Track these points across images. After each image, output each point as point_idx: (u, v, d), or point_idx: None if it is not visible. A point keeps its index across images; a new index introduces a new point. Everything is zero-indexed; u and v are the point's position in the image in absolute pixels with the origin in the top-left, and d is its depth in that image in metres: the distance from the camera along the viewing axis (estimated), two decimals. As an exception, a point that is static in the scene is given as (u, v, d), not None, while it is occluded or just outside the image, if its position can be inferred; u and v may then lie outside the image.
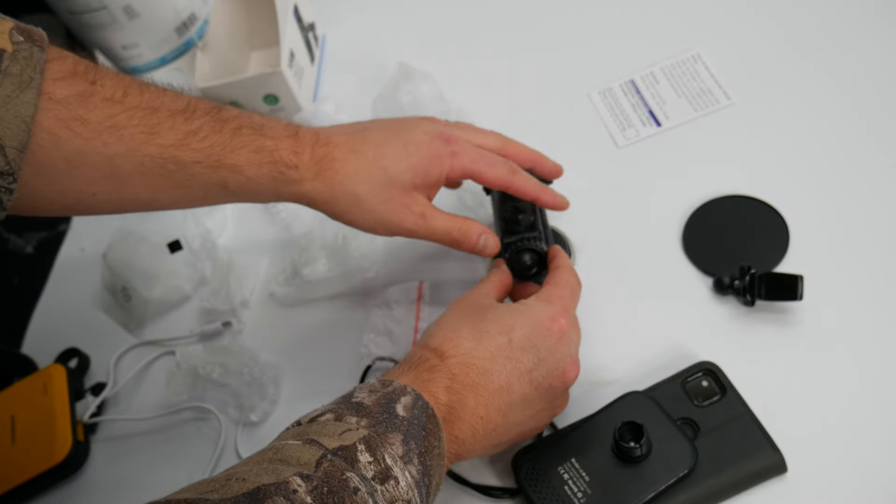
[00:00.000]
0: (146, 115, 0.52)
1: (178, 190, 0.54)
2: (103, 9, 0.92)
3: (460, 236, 0.61)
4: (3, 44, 0.47)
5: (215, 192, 0.56)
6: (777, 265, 0.65)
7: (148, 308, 0.78)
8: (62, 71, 0.49)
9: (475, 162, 0.60)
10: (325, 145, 0.58)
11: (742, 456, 0.56)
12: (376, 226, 0.59)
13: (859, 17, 0.77)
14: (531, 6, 0.89)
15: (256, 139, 0.55)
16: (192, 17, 0.99)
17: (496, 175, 0.61)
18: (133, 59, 0.98)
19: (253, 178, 0.55)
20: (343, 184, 0.57)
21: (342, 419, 0.47)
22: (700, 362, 0.60)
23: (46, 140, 0.48)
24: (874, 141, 0.70)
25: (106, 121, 0.50)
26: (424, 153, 0.59)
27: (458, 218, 0.61)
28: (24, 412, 0.71)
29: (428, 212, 0.60)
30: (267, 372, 0.70)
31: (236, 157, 0.54)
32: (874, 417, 0.57)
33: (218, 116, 0.55)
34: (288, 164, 0.56)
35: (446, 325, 0.55)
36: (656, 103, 0.78)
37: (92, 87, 0.50)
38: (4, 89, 0.46)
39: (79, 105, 0.49)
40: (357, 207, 0.58)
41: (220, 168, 0.54)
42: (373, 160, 0.58)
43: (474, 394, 0.52)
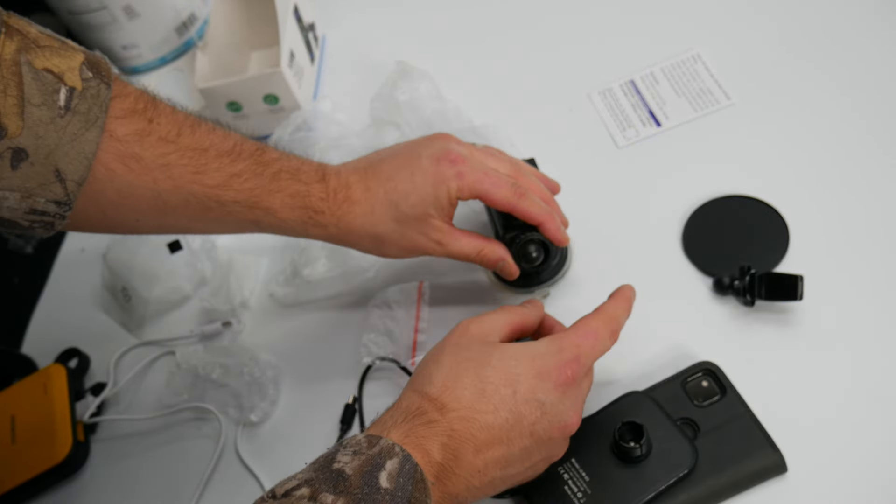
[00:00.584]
0: (196, 156, 0.55)
1: (215, 222, 0.59)
2: (103, 9, 0.92)
3: (479, 260, 0.63)
4: (73, 81, 0.49)
5: (247, 227, 0.60)
6: (777, 265, 0.65)
7: (148, 308, 0.78)
8: (124, 109, 0.52)
9: (480, 182, 0.60)
10: (345, 188, 0.61)
11: (742, 456, 0.55)
12: (403, 255, 0.63)
13: (859, 17, 0.77)
14: (531, 6, 0.89)
15: (292, 184, 0.59)
16: (192, 18, 0.99)
17: (502, 196, 0.61)
18: (133, 59, 0.98)
19: (285, 219, 0.60)
20: (364, 227, 0.61)
21: (317, 498, 0.42)
22: (700, 362, 0.60)
23: (103, 174, 0.52)
24: (874, 140, 0.70)
25: (159, 159, 0.53)
26: (430, 179, 0.60)
27: (477, 240, 0.63)
28: (25, 412, 0.71)
29: (444, 239, 0.62)
30: (267, 372, 0.70)
31: (272, 201, 0.58)
32: (874, 417, 0.57)
33: (261, 159, 0.58)
34: (317, 209, 0.60)
35: (446, 369, 0.51)
36: (656, 103, 0.78)
37: (149, 125, 0.53)
38: (72, 127, 0.49)
39: (136, 143, 0.53)
40: (382, 245, 0.62)
41: (256, 209, 0.58)
42: (384, 197, 0.60)
43: (473, 448, 0.49)
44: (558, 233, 0.63)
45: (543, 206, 0.62)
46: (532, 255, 0.64)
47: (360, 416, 0.67)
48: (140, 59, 0.98)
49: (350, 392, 0.68)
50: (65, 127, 0.48)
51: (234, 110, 0.85)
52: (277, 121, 0.84)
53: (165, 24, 0.97)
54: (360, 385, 0.68)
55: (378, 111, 0.80)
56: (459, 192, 0.60)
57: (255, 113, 0.85)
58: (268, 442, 0.69)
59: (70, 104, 0.49)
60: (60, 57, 0.49)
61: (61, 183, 0.50)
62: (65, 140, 0.49)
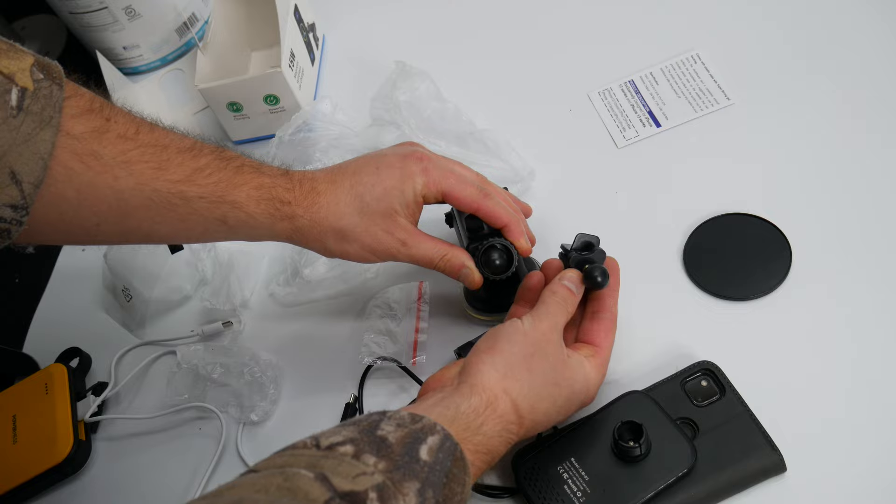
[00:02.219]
0: (157, 152, 0.54)
1: (180, 223, 0.57)
2: (104, 9, 0.92)
3: (443, 265, 0.62)
4: (24, 82, 0.49)
5: (214, 227, 0.58)
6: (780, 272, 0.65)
7: (149, 308, 0.78)
8: (79, 107, 0.51)
9: (446, 178, 0.60)
10: (310, 180, 0.60)
11: (741, 456, 0.56)
12: (367, 255, 0.61)
13: (859, 17, 0.77)
14: (530, 6, 0.90)
15: (256, 177, 0.58)
16: (192, 18, 0.99)
17: (467, 195, 0.61)
18: (134, 59, 0.99)
19: (252, 213, 0.58)
20: (328, 219, 0.59)
21: (360, 457, 0.44)
22: (699, 362, 0.61)
23: (61, 173, 0.50)
24: (875, 140, 0.70)
25: (119, 156, 0.52)
26: (396, 173, 0.60)
27: (442, 245, 0.62)
28: (26, 412, 0.71)
29: (410, 239, 0.61)
30: (267, 371, 0.70)
31: (238, 194, 0.57)
32: (874, 418, 0.57)
33: (222, 155, 0.58)
34: (283, 200, 0.59)
35: (539, 375, 0.54)
36: (656, 104, 0.78)
37: (107, 123, 0.52)
38: (25, 127, 0.48)
39: (94, 140, 0.51)
40: (344, 241, 0.60)
41: (222, 203, 0.57)
42: (349, 188, 0.60)
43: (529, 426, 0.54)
44: (522, 237, 0.62)
45: (507, 208, 0.62)
46: (495, 263, 0.62)
47: (360, 413, 0.67)
48: (141, 59, 0.99)
49: (350, 391, 0.68)
50: (18, 127, 0.47)
51: (235, 110, 0.85)
52: (278, 121, 0.84)
53: (166, 25, 0.97)
54: (360, 385, 0.68)
55: (378, 111, 0.80)
56: (426, 187, 0.60)
57: (255, 113, 0.85)
58: (268, 441, 0.69)
59: (22, 104, 0.48)
60: (9, 59, 0.49)
61: (17, 185, 0.48)
62: (18, 140, 0.48)
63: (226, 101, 0.84)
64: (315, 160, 0.79)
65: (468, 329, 0.69)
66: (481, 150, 0.76)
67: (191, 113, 0.94)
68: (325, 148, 0.80)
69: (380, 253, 0.61)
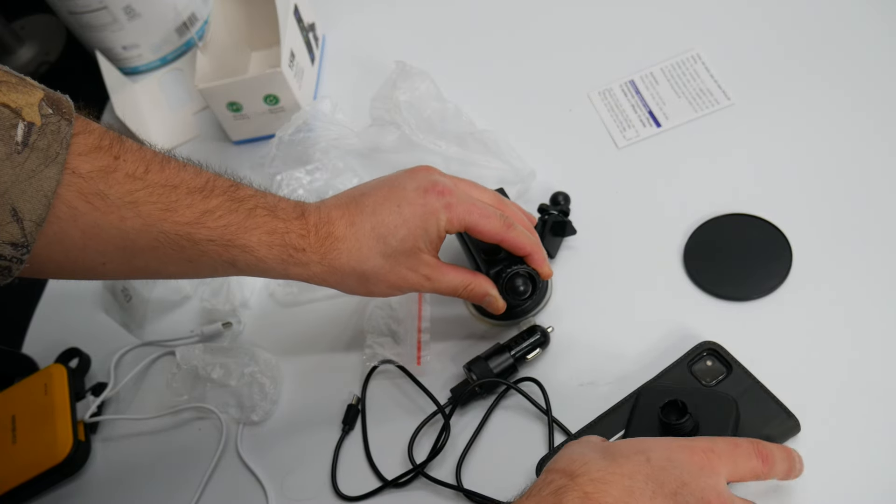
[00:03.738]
0: (165, 193, 0.52)
1: (188, 264, 0.55)
2: (104, 9, 0.92)
3: (466, 294, 0.62)
4: (31, 117, 0.47)
5: (223, 268, 0.57)
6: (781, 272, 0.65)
7: (148, 308, 0.78)
8: (87, 145, 0.50)
9: (470, 213, 0.59)
10: (326, 224, 0.58)
11: (760, 426, 0.56)
12: (389, 292, 0.61)
13: (859, 18, 0.77)
14: (531, 6, 0.90)
15: (269, 221, 0.56)
16: (192, 18, 0.99)
17: (491, 227, 0.60)
18: (133, 59, 0.98)
19: (262, 258, 0.57)
20: (349, 264, 0.58)
21: None
22: (701, 343, 0.61)
23: (65, 213, 0.49)
24: (880, 140, 0.70)
25: (126, 196, 0.51)
26: (419, 211, 0.58)
27: (466, 275, 0.62)
28: (25, 412, 0.71)
29: (433, 274, 0.60)
30: (267, 372, 0.70)
31: (248, 238, 0.56)
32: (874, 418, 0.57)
33: (235, 196, 0.56)
34: (297, 247, 0.57)
35: (568, 451, 0.49)
36: (656, 104, 0.78)
37: (115, 161, 0.51)
38: (30, 163, 0.46)
39: (101, 180, 0.50)
40: (367, 282, 0.60)
41: (232, 247, 0.55)
42: (371, 231, 0.58)
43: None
44: (545, 263, 0.63)
45: (530, 236, 0.62)
46: (520, 289, 0.62)
47: (362, 417, 0.67)
48: (140, 59, 0.99)
49: (350, 392, 0.68)
50: (22, 163, 0.46)
51: (235, 110, 0.85)
52: (278, 121, 0.84)
53: (166, 25, 0.97)
54: (363, 386, 0.68)
55: (378, 111, 0.80)
56: (449, 224, 0.59)
57: (255, 113, 0.85)
58: (268, 442, 0.69)
59: (28, 140, 0.46)
60: (18, 92, 0.47)
61: (18, 223, 0.47)
62: (22, 177, 0.46)
63: (226, 101, 0.84)
64: (315, 160, 0.79)
65: (470, 328, 0.69)
66: (481, 151, 0.76)
67: (191, 113, 0.94)
68: (325, 148, 0.80)
69: (405, 289, 0.61)
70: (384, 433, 0.66)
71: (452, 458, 0.63)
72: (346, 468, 0.65)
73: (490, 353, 0.65)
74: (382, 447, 0.65)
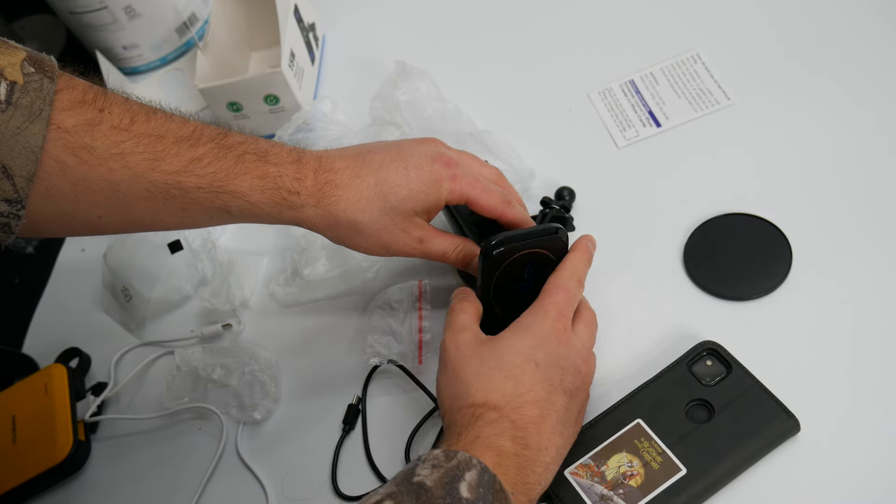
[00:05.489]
0: (152, 143, 0.53)
1: (182, 213, 0.56)
2: (104, 9, 0.92)
3: (455, 257, 0.63)
4: (14, 76, 0.49)
5: (218, 216, 0.57)
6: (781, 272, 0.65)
7: (148, 308, 0.78)
8: (71, 100, 0.51)
9: (472, 186, 0.61)
10: (328, 171, 0.59)
11: (759, 426, 0.57)
12: (376, 249, 0.61)
13: (860, 17, 0.77)
14: (531, 6, 0.90)
15: (260, 165, 0.57)
16: (192, 18, 0.99)
17: (491, 203, 0.61)
18: (133, 59, 0.98)
19: (255, 202, 0.57)
20: (345, 212, 0.59)
21: None
22: (701, 342, 0.61)
23: (54, 167, 0.50)
24: (880, 140, 0.70)
25: (112, 148, 0.52)
26: (424, 177, 0.60)
27: (456, 239, 0.63)
28: (25, 412, 0.71)
29: (426, 236, 0.62)
30: (267, 370, 0.70)
31: (239, 184, 0.56)
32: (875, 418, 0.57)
33: (223, 143, 0.56)
34: (290, 190, 0.57)
35: (473, 379, 0.55)
36: (656, 104, 0.78)
37: (100, 114, 0.51)
38: (15, 121, 0.48)
39: (86, 133, 0.51)
40: (358, 234, 0.60)
41: (223, 193, 0.56)
42: (373, 186, 0.59)
43: (536, 429, 0.53)
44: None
45: (526, 214, 0.64)
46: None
47: (363, 417, 0.67)
48: (141, 59, 0.99)
49: (350, 392, 0.68)
50: (7, 121, 0.48)
51: (235, 110, 0.85)
52: (278, 121, 0.84)
53: (166, 25, 0.97)
54: (364, 386, 0.68)
55: (378, 111, 0.80)
56: (451, 194, 0.60)
57: (255, 113, 0.85)
58: (269, 442, 0.69)
59: (11, 98, 0.48)
60: (0, 54, 0.49)
61: (9, 179, 0.49)
62: (7, 135, 0.48)
63: (226, 101, 0.84)
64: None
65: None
66: (481, 151, 0.76)
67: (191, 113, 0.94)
68: (325, 148, 0.80)
69: (393, 249, 0.61)
70: (385, 432, 0.66)
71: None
72: (346, 468, 0.65)
73: None
74: (383, 447, 0.65)
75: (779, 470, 0.56)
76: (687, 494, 0.55)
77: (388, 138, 0.79)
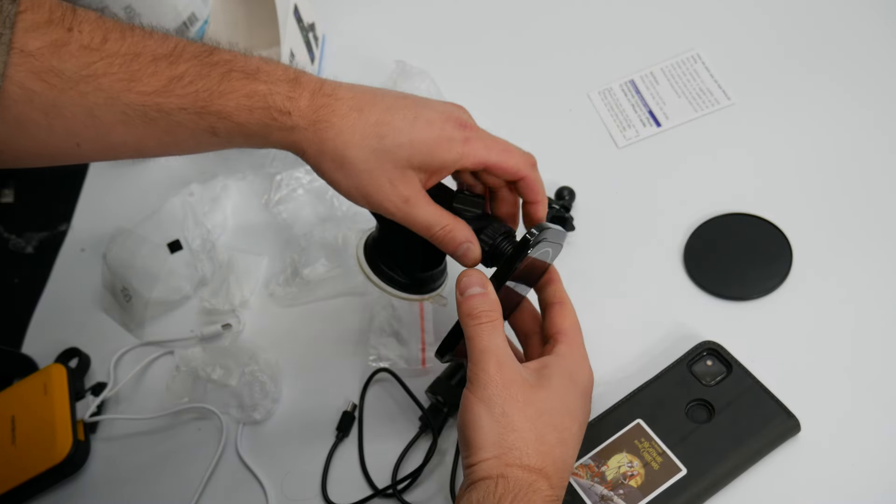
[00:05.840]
0: (126, 62, 0.49)
1: (166, 136, 0.52)
2: (104, 9, 0.92)
3: (443, 235, 0.55)
4: None
5: (205, 139, 0.53)
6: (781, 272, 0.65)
7: (148, 308, 0.78)
8: (35, 21, 0.47)
9: (489, 149, 0.55)
10: (328, 96, 0.53)
11: (760, 426, 0.57)
12: (356, 195, 0.55)
13: (860, 17, 0.77)
14: (531, 6, 0.89)
15: (247, 84, 0.52)
16: (192, 18, 0.99)
17: (514, 164, 0.55)
18: (133, 59, 0.98)
19: (243, 123, 0.52)
20: (334, 141, 0.53)
21: None
22: (701, 343, 0.61)
23: (19, 94, 0.47)
24: (881, 140, 0.70)
25: (82, 69, 0.48)
26: (434, 133, 0.54)
27: (446, 215, 0.55)
28: (25, 412, 0.71)
29: (413, 197, 0.54)
30: (267, 371, 0.70)
31: (224, 103, 0.51)
32: (876, 419, 0.57)
33: (207, 60, 0.51)
34: (281, 109, 0.52)
35: (528, 429, 0.49)
36: (656, 103, 0.78)
37: (68, 34, 0.47)
38: None
39: (52, 55, 0.47)
40: (339, 170, 0.54)
41: (207, 114, 0.51)
42: (373, 125, 0.53)
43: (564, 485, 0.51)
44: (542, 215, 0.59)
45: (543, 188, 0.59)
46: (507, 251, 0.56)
47: (359, 422, 0.67)
48: (140, 59, 0.98)
49: (350, 393, 0.68)
50: None
51: (235, 110, 0.85)
52: (277, 121, 0.84)
53: (166, 25, 0.97)
54: (363, 390, 0.68)
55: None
56: (463, 159, 0.54)
57: (255, 113, 0.85)
58: (269, 442, 0.69)
59: None
60: None
61: None
62: None
63: (225, 100, 0.84)
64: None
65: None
66: (481, 150, 0.76)
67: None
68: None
69: (373, 201, 0.54)
70: (381, 438, 0.66)
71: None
72: (340, 475, 0.65)
73: (450, 371, 0.64)
74: (379, 453, 0.65)
75: (779, 470, 0.56)
76: (687, 495, 0.55)
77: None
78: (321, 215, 0.78)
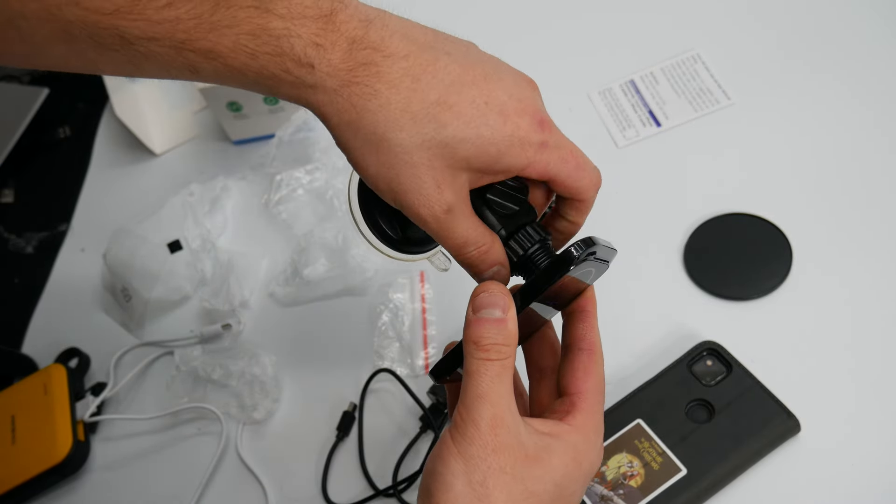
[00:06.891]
0: None
1: (129, 66, 0.39)
2: None
3: (476, 256, 0.44)
4: None
5: (182, 75, 0.40)
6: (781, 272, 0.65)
7: (148, 308, 0.78)
8: None
9: (565, 162, 0.44)
10: (375, 48, 0.40)
11: (760, 427, 0.57)
12: (384, 187, 0.42)
13: (860, 17, 0.77)
14: (530, 6, 0.89)
15: (256, 15, 0.38)
16: (192, 18, 0.98)
17: (584, 186, 0.45)
18: (133, 59, 0.98)
19: (239, 68, 0.39)
20: (375, 115, 0.40)
21: None
22: (701, 343, 0.61)
23: None
24: (881, 140, 0.70)
25: None
26: (508, 130, 0.41)
27: (485, 231, 0.44)
28: (25, 412, 0.71)
29: (457, 207, 0.42)
30: (267, 371, 0.70)
31: (217, 40, 0.38)
32: (877, 419, 0.57)
33: None
34: (300, 59, 0.39)
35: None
36: (656, 103, 0.78)
37: None
38: None
39: None
40: (374, 154, 0.41)
41: (187, 51, 0.38)
42: (433, 103, 0.40)
43: None
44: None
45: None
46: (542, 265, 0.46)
47: (359, 423, 0.67)
48: (140, 59, 0.98)
49: (350, 393, 0.68)
50: None
51: (235, 110, 0.85)
52: (278, 121, 0.84)
53: None
54: (363, 390, 0.68)
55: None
56: (530, 166, 0.42)
57: (255, 113, 0.85)
58: (269, 442, 0.69)
59: None
60: None
61: None
62: None
63: (226, 100, 0.84)
64: (315, 160, 0.79)
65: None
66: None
67: (190, 113, 0.94)
68: (325, 148, 0.80)
69: (404, 201, 0.42)
70: (382, 439, 0.66)
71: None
72: (340, 475, 0.65)
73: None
74: (379, 453, 0.65)
75: (779, 470, 0.56)
76: (687, 495, 0.55)
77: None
78: (321, 215, 0.78)
